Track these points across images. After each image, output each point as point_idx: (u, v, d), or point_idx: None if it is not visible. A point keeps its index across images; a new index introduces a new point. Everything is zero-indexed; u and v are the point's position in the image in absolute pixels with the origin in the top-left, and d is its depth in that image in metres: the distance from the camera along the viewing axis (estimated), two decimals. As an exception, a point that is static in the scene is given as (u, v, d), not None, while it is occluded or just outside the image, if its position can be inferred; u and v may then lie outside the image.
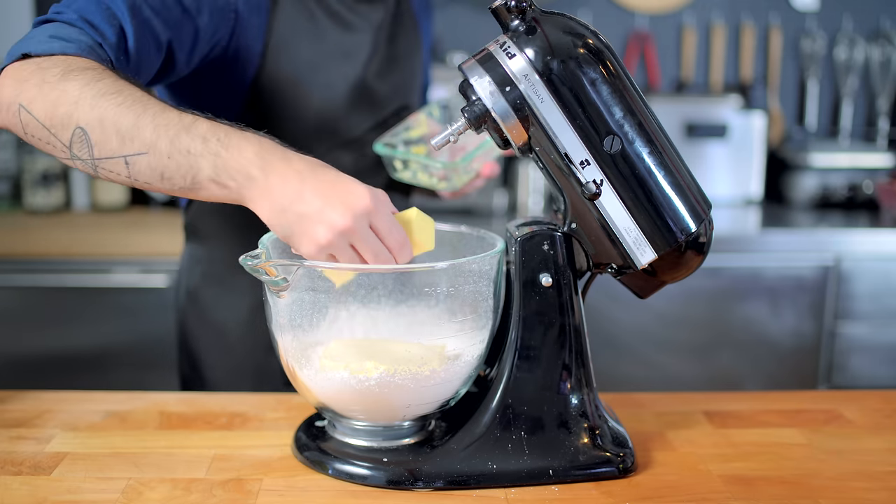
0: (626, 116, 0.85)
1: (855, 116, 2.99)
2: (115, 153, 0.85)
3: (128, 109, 0.85)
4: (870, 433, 1.04)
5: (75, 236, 2.23)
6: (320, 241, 0.81)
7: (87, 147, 0.86)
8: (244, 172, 0.82)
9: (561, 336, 0.90)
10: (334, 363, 0.87)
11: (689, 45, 2.89)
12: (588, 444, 0.90)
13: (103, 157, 0.86)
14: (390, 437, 0.92)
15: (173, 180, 0.84)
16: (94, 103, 0.85)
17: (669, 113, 2.62)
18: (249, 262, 0.84)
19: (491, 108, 0.84)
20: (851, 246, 2.34)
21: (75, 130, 0.86)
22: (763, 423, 1.06)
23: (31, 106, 0.87)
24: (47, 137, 0.87)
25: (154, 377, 2.22)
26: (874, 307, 2.36)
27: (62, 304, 2.21)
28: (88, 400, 1.09)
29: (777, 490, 0.89)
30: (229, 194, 0.83)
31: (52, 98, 0.86)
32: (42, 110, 0.87)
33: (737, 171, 2.67)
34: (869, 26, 2.94)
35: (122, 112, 0.84)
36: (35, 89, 0.87)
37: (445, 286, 0.87)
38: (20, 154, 2.49)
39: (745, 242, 2.35)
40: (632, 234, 0.87)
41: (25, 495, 0.85)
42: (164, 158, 0.83)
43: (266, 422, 1.03)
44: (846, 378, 2.39)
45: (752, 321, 2.34)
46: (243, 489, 0.87)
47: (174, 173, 0.84)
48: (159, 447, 0.96)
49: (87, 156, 0.86)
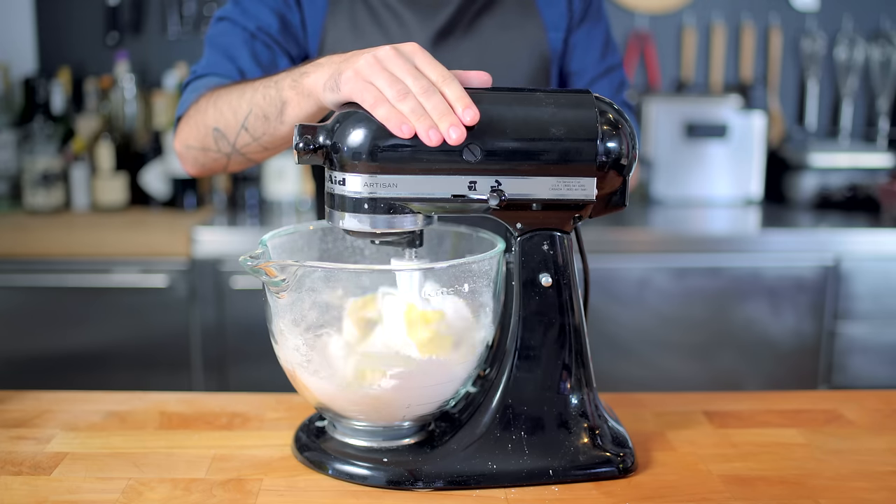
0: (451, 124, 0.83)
1: (855, 116, 2.99)
2: (237, 126, 1.04)
3: (233, 92, 1.05)
4: (870, 433, 1.04)
5: (75, 236, 2.23)
6: (361, 67, 0.84)
7: (224, 139, 1.07)
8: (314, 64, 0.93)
9: (561, 336, 0.90)
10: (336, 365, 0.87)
11: (689, 45, 2.89)
12: (588, 444, 0.90)
13: (234, 137, 1.06)
14: (390, 438, 0.92)
15: (271, 113, 0.99)
16: (215, 105, 1.07)
17: (669, 113, 2.62)
18: (249, 262, 0.84)
19: (373, 230, 0.85)
20: (851, 246, 2.34)
21: (213, 133, 1.08)
22: (763, 423, 1.06)
23: (188, 142, 1.14)
24: (212, 156, 1.11)
25: (154, 377, 2.22)
26: (874, 307, 2.36)
27: (62, 304, 2.21)
28: (88, 400, 1.09)
29: (777, 490, 0.89)
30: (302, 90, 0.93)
31: (194, 125, 1.12)
32: (195, 139, 1.12)
33: (737, 171, 2.67)
34: (869, 26, 2.94)
35: (230, 97, 1.05)
36: (185, 130, 1.14)
37: (446, 286, 0.87)
38: (20, 154, 2.49)
39: (745, 242, 2.35)
40: (561, 187, 0.86)
41: (25, 495, 0.85)
42: (262, 100, 0.99)
43: (266, 422, 1.03)
44: (846, 378, 2.39)
45: (752, 321, 2.34)
46: (243, 489, 0.87)
47: (270, 106, 0.98)
48: (159, 447, 0.96)
49: (229, 147, 1.07)
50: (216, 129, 1.07)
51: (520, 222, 0.88)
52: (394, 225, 0.85)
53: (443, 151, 0.83)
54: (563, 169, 0.86)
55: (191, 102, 1.16)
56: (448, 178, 0.84)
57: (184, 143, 1.15)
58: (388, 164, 0.83)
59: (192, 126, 1.12)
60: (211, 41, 1.24)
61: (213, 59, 1.22)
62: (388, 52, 0.85)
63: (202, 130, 1.10)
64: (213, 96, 1.09)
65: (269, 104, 0.99)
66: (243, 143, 1.06)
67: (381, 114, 0.82)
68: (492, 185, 0.85)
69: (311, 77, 0.92)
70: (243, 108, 1.03)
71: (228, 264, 2.21)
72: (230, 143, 1.07)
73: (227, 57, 1.22)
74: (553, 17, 1.31)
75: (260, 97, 1.00)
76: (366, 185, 0.83)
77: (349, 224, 0.86)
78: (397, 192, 0.84)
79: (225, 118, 1.06)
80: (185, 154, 1.16)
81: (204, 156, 1.13)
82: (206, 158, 1.13)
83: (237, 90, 1.05)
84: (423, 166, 0.83)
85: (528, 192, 0.86)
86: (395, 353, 0.87)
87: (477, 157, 0.84)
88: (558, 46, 1.32)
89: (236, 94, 1.04)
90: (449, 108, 0.82)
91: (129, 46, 2.76)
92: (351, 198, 0.84)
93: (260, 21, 1.23)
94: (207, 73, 1.21)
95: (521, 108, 0.86)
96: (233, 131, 1.05)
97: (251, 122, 1.02)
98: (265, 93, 0.99)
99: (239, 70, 1.21)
